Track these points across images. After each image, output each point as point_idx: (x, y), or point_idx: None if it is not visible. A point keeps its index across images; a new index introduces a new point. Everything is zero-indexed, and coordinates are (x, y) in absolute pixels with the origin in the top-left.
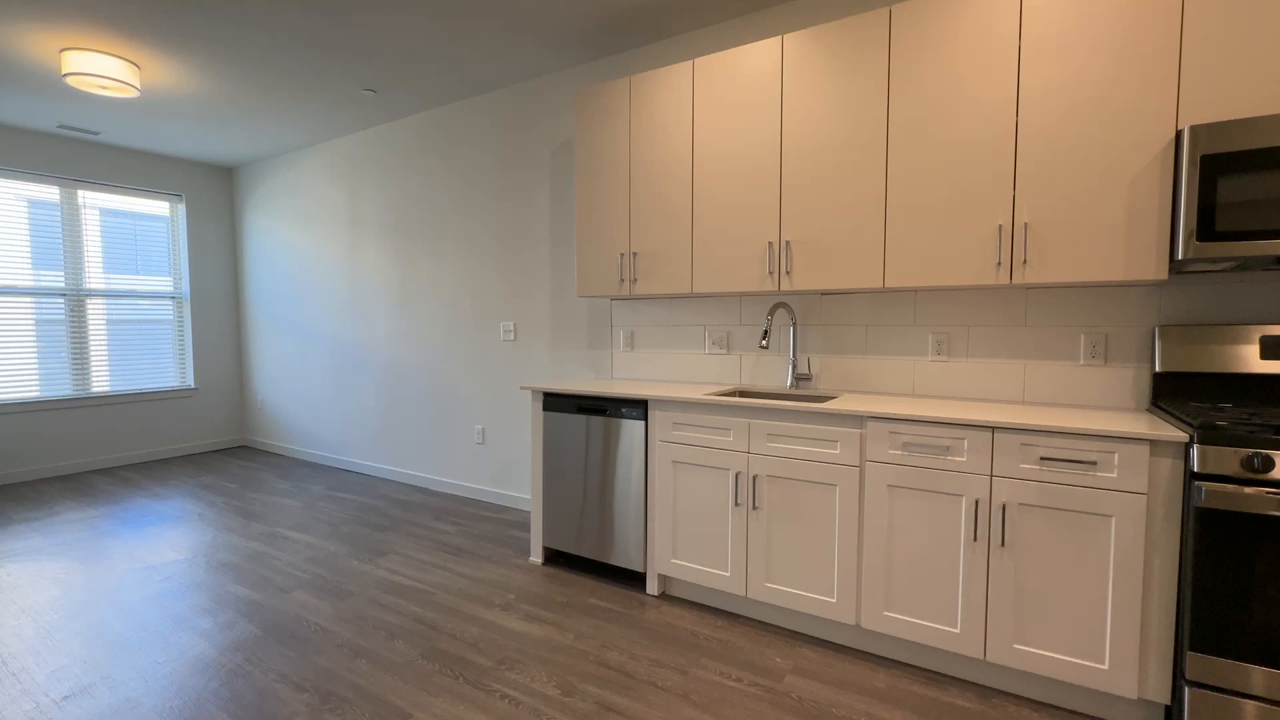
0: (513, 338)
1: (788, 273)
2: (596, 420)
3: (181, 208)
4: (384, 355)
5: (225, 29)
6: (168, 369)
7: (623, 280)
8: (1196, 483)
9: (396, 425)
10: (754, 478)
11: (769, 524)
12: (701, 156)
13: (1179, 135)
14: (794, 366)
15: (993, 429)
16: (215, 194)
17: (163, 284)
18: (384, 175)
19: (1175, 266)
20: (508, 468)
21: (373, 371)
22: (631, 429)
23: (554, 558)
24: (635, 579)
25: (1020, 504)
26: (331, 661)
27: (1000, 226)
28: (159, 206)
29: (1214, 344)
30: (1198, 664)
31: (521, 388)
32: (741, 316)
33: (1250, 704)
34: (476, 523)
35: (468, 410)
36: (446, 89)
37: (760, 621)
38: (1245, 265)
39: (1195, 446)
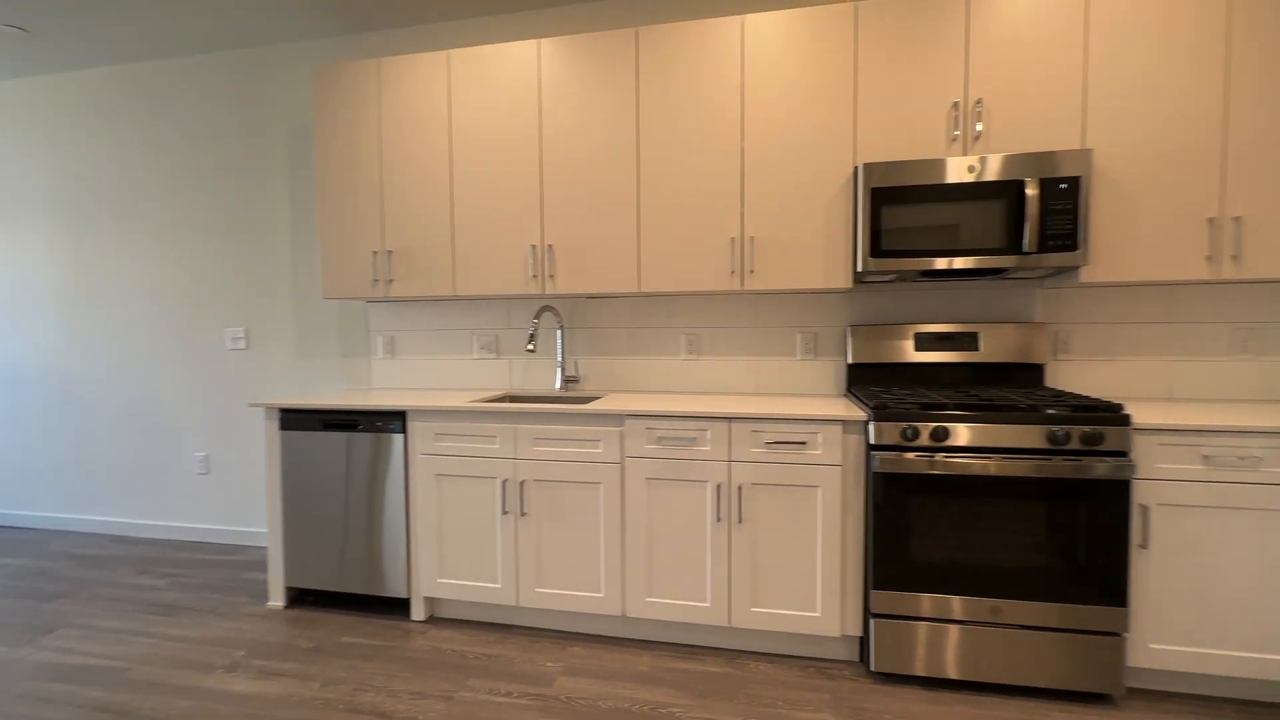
0: (244, 345)
1: (551, 276)
2: (348, 437)
3: None
4: (53, 371)
5: None
6: None
7: (377, 281)
8: (873, 453)
9: (79, 460)
10: (522, 483)
11: (538, 529)
12: (461, 154)
13: (856, 170)
14: (562, 369)
15: (730, 420)
16: None
17: None
18: (47, 140)
19: (857, 277)
20: (241, 500)
21: (35, 393)
22: (389, 444)
23: (301, 598)
24: (399, 607)
25: (752, 484)
26: None
27: (733, 239)
28: None
29: (887, 340)
30: (879, 599)
31: (251, 405)
32: (510, 320)
33: (922, 625)
34: (198, 570)
35: (185, 435)
36: (142, 41)
37: (533, 628)
38: (903, 277)
39: (871, 424)
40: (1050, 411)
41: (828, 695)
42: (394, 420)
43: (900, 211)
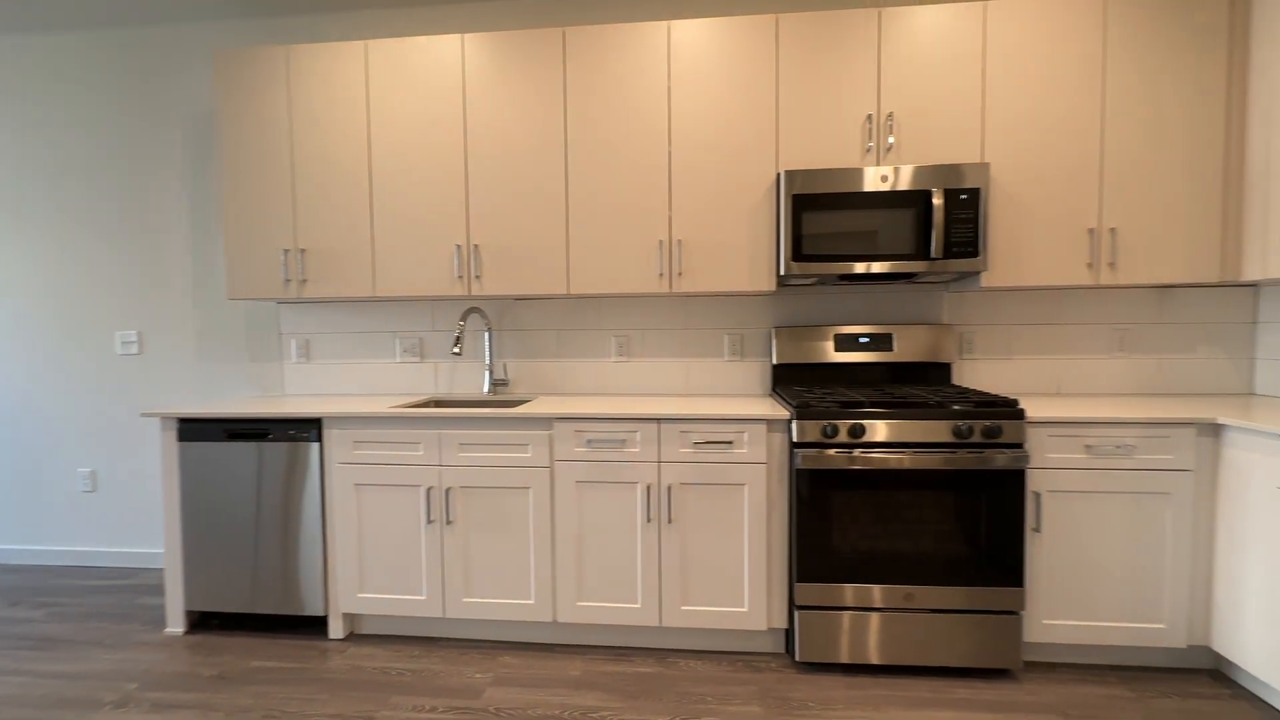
0: (136, 350)
1: (478, 277)
2: (257, 447)
3: None
4: None
5: None
6: None
7: (289, 280)
8: (796, 450)
9: None
10: (448, 491)
11: (465, 537)
12: (381, 150)
13: (778, 177)
14: (491, 372)
15: (659, 420)
16: None
17: None
18: None
19: (780, 280)
20: (134, 519)
21: None
22: (303, 453)
23: (204, 623)
24: (317, 625)
25: (682, 484)
26: None
27: (661, 241)
28: None
29: (809, 341)
30: (803, 591)
31: (145, 414)
32: (435, 322)
33: (842, 614)
34: (82, 598)
35: (67, 449)
36: (12, 12)
37: (461, 640)
38: (823, 281)
39: (794, 422)
40: (955, 408)
41: (755, 687)
42: (308, 428)
43: (820, 217)
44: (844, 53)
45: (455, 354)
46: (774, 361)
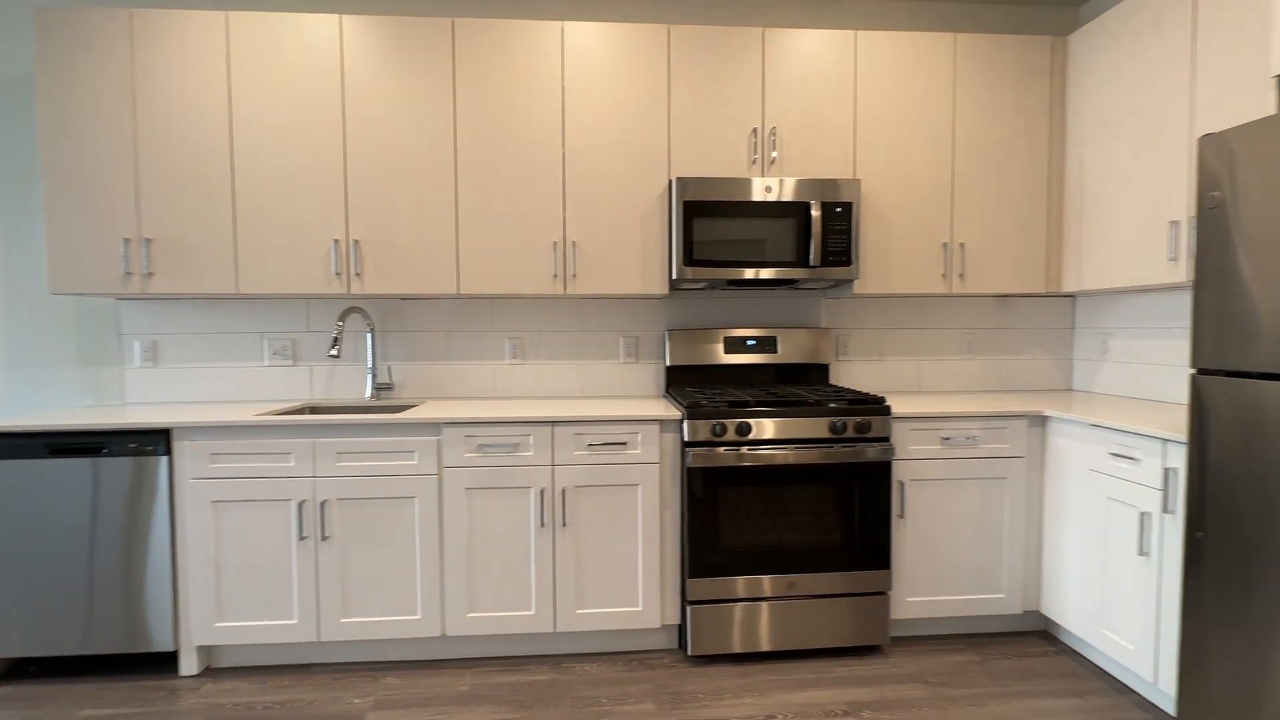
0: None
1: (358, 275)
2: (91, 464)
3: None
4: None
5: None
6: None
7: (130, 274)
8: (687, 449)
9: None
10: (323, 504)
11: (343, 552)
12: (246, 133)
13: (671, 183)
14: (374, 376)
15: (552, 423)
16: None
17: None
18: None
19: (673, 284)
20: None
21: None
22: (148, 469)
23: (20, 671)
24: (166, 663)
25: (576, 486)
26: None
27: (555, 243)
28: None
29: (701, 343)
30: (694, 586)
31: None
32: (310, 322)
33: (732, 606)
34: None
35: None
36: None
37: (339, 664)
38: (713, 285)
39: (685, 422)
40: (832, 406)
41: (649, 685)
42: (154, 441)
43: (710, 224)
44: (732, 67)
45: (333, 356)
46: (667, 363)
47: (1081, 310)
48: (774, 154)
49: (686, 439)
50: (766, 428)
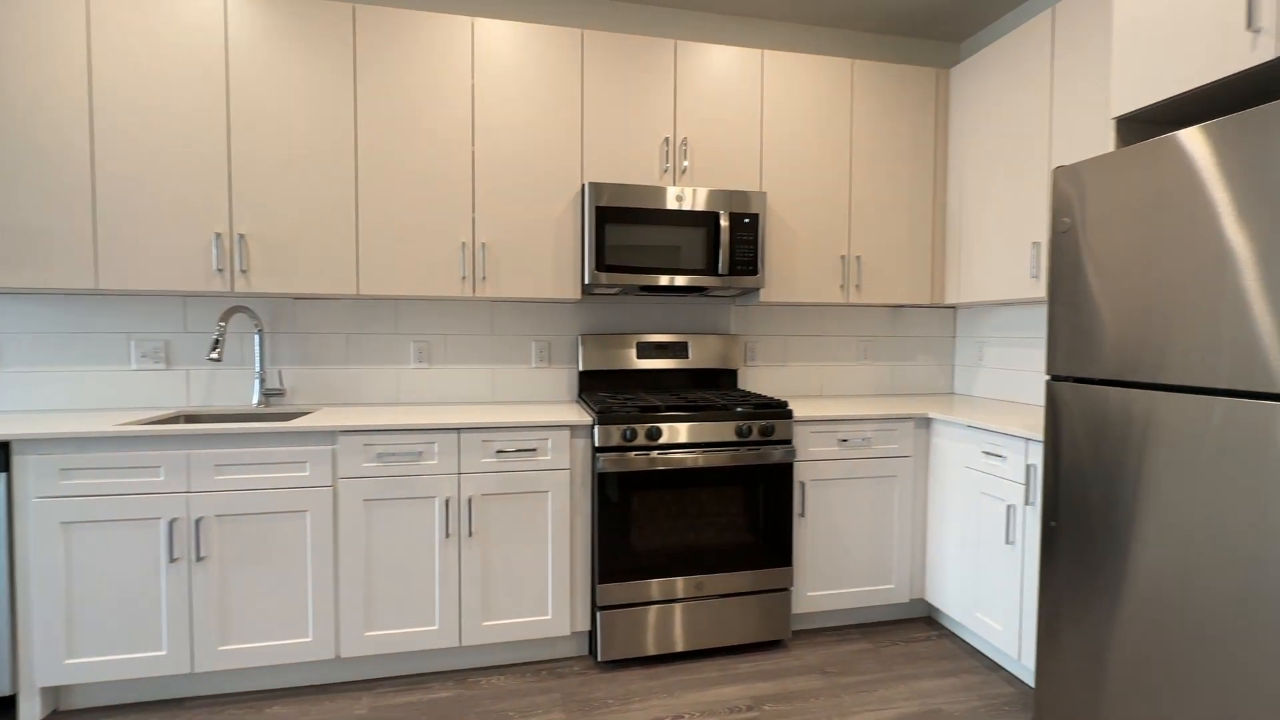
0: None
1: (243, 271)
2: None
3: None
4: None
5: None
6: None
7: None
8: (598, 454)
9: None
10: (198, 522)
11: (223, 574)
12: (108, 106)
13: (584, 187)
14: (262, 381)
15: (458, 430)
16: None
17: None
18: None
19: (585, 289)
20: None
21: None
22: None
23: None
24: (4, 708)
25: (483, 495)
26: None
27: (464, 244)
28: None
29: (614, 348)
30: (604, 592)
31: None
32: (188, 322)
33: (641, 610)
34: None
35: None
36: None
37: (218, 695)
38: (625, 291)
39: (596, 427)
40: (739, 410)
41: (557, 694)
42: None
43: (622, 230)
44: (645, 76)
45: (214, 360)
46: (580, 368)
47: (962, 321)
48: (685, 163)
49: (598, 444)
50: (676, 432)
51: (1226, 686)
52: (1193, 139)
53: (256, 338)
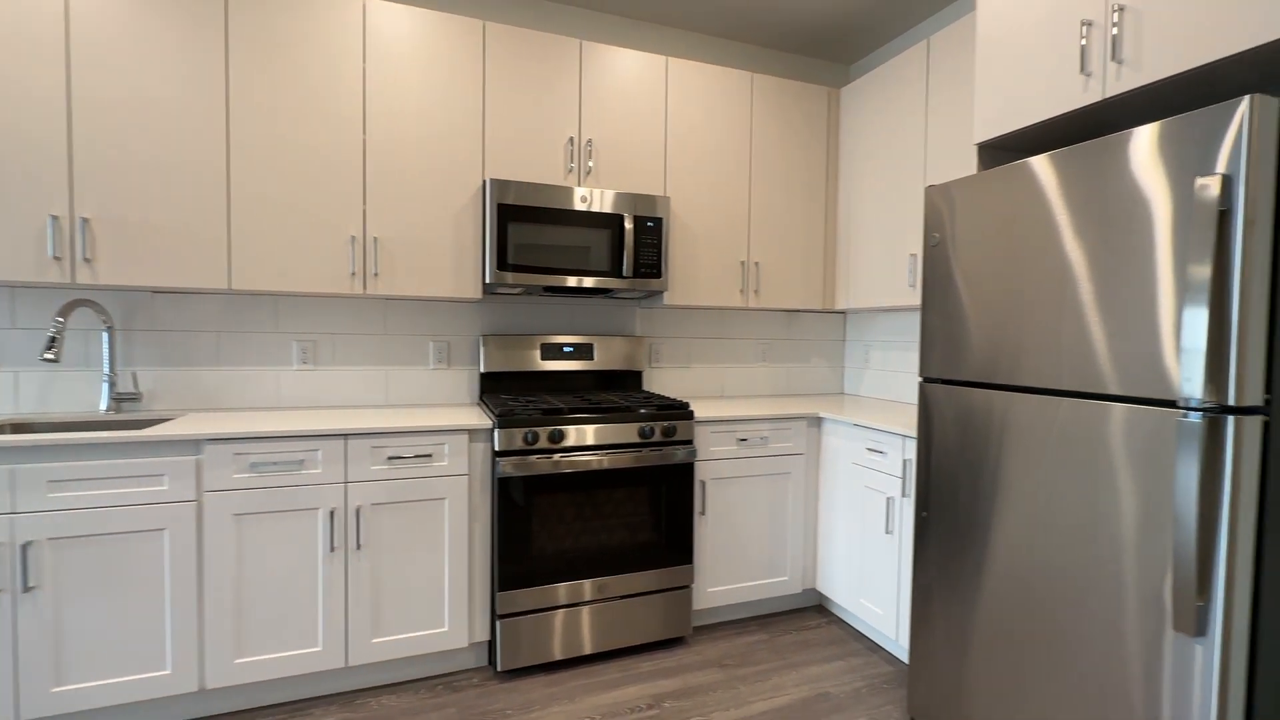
0: None
1: (87, 260)
2: None
3: None
4: None
5: None
6: None
7: None
8: (497, 459)
9: None
10: (24, 547)
11: (57, 606)
12: None
13: (485, 183)
14: (112, 385)
15: (345, 436)
16: None
17: None
18: None
19: (486, 288)
20: None
21: None
22: None
23: None
24: None
25: (373, 504)
26: None
27: (353, 238)
28: None
29: (517, 349)
30: (504, 599)
31: None
32: (16, 317)
33: (543, 616)
34: None
35: None
36: None
37: None
38: (529, 291)
39: (497, 431)
40: (642, 411)
41: (453, 709)
42: None
43: (525, 229)
44: (551, 74)
45: (48, 360)
46: (482, 370)
47: (851, 325)
48: (590, 164)
49: (498, 448)
50: (579, 434)
51: (1065, 647)
52: (1042, 166)
53: (105, 335)
